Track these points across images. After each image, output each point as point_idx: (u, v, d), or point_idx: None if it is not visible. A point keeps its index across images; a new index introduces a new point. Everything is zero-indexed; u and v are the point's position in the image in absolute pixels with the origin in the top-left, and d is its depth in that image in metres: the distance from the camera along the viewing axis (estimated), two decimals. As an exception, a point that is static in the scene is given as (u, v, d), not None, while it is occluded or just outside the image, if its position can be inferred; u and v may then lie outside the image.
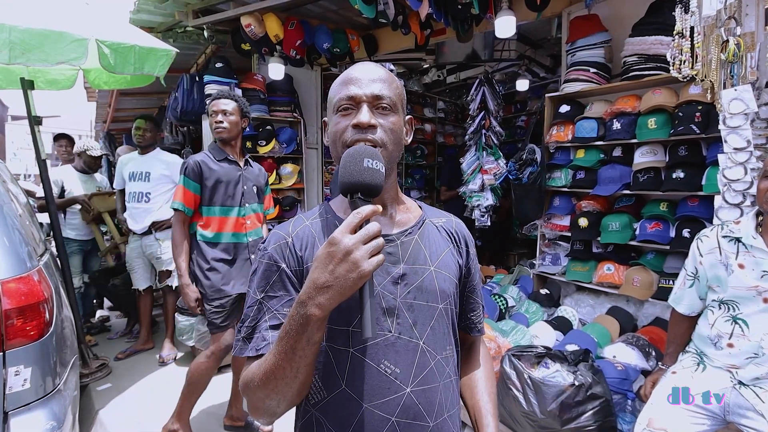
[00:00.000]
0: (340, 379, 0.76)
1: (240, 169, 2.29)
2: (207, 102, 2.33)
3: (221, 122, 2.22)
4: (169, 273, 3.47)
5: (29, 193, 3.83)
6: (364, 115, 0.77)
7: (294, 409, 0.82)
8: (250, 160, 2.40)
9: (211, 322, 2.23)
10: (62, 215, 3.60)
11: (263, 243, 0.84)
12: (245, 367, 0.76)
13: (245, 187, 2.30)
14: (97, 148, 3.88)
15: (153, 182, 3.37)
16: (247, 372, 0.74)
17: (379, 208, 0.65)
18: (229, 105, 2.25)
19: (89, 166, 3.88)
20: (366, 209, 0.63)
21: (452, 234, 0.91)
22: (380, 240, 0.62)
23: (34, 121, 2.69)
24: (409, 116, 0.90)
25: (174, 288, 3.49)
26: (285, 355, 0.66)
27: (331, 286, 0.61)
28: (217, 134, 2.25)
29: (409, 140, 0.89)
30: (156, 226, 3.39)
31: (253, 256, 2.29)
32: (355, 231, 0.62)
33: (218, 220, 2.21)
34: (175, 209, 2.18)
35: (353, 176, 0.68)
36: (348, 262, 0.60)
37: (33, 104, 2.72)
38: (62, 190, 3.69)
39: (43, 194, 3.42)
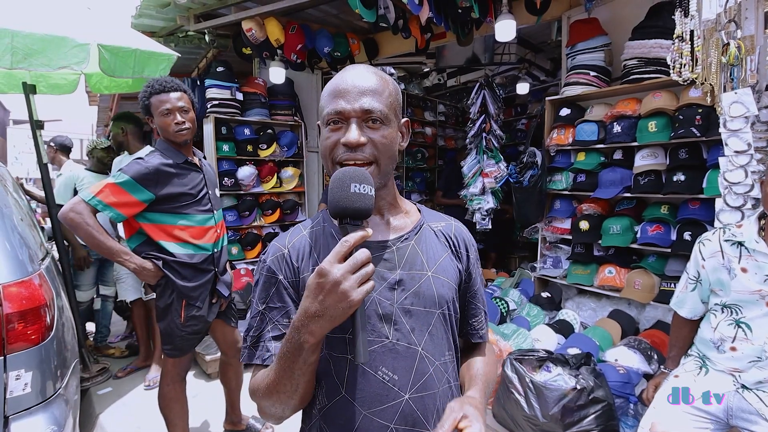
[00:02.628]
0: (340, 386, 0.77)
1: (201, 172, 2.01)
2: (144, 95, 1.90)
3: (183, 123, 1.88)
4: None
5: (29, 195, 3.79)
6: (353, 134, 0.75)
7: (300, 413, 0.85)
8: (202, 159, 2.10)
9: (179, 347, 1.97)
10: None
11: (263, 254, 0.86)
12: (252, 374, 0.80)
13: (210, 192, 2.04)
14: (104, 143, 3.55)
15: None
16: (254, 381, 0.78)
17: (370, 232, 0.65)
18: (183, 99, 1.90)
19: (103, 162, 3.45)
20: (354, 236, 0.63)
21: (451, 238, 0.90)
22: (370, 267, 0.63)
23: (36, 125, 2.70)
24: (405, 119, 0.87)
25: None
26: (284, 373, 0.70)
27: (322, 316, 0.63)
28: (181, 137, 1.90)
29: (405, 144, 0.87)
30: None
31: (217, 269, 2.08)
32: (344, 259, 0.62)
33: (193, 231, 1.95)
34: (93, 204, 1.73)
35: (341, 202, 0.67)
36: (337, 293, 0.61)
37: (35, 108, 2.73)
38: (74, 193, 3.36)
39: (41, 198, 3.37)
